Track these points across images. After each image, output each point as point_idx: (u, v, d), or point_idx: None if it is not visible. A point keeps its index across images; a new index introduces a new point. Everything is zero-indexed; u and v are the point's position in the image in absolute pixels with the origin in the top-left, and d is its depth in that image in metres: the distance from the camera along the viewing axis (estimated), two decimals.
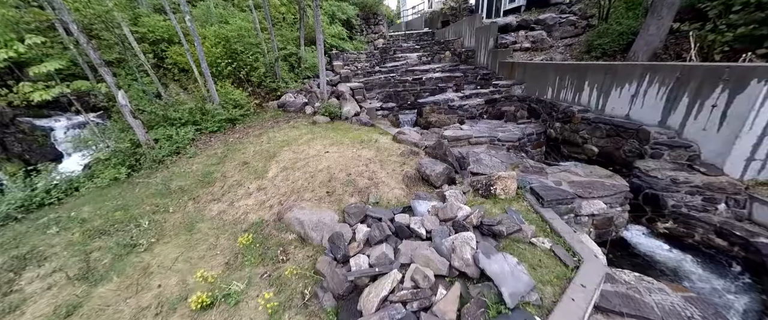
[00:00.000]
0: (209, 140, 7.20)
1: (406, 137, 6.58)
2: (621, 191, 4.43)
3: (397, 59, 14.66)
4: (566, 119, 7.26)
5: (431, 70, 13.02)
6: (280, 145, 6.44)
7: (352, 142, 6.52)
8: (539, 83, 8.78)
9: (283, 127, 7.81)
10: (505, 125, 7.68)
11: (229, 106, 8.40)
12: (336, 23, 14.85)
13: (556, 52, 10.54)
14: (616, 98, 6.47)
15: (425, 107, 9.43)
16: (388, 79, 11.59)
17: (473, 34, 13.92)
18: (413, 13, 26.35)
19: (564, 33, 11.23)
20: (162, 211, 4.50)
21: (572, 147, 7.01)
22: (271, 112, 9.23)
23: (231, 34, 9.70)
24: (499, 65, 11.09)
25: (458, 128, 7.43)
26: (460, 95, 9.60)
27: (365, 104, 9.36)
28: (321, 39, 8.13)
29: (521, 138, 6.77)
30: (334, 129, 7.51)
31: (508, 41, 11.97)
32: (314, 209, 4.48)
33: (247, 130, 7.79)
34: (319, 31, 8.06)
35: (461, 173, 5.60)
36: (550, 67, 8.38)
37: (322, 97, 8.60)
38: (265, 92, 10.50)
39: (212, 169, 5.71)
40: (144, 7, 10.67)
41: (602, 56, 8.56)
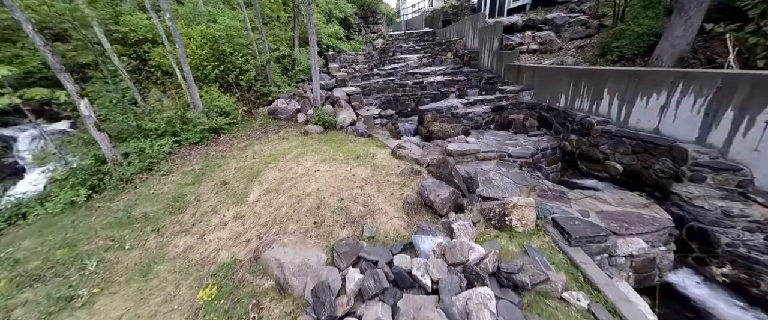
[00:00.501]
0: (188, 153, 6.45)
1: (406, 152, 5.83)
2: (664, 226, 3.70)
3: (396, 61, 13.88)
4: (583, 131, 6.51)
5: (432, 73, 12.26)
6: (266, 161, 5.70)
7: (346, 157, 5.77)
8: (550, 89, 8.03)
9: (271, 138, 7.06)
10: (515, 137, 6.93)
11: (214, 114, 7.64)
12: (333, 22, 14.06)
13: (566, 54, 9.78)
14: (642, 108, 5.72)
15: (427, 115, 8.68)
16: (386, 83, 10.83)
17: (476, 35, 13.15)
18: (413, 11, 25.54)
19: (574, 34, 10.46)
20: (116, 247, 3.75)
21: (592, 163, 6.26)
22: (260, 119, 8.47)
23: (219, 34, 8.92)
24: (505, 69, 10.32)
25: (463, 141, 6.68)
26: (464, 102, 8.84)
27: (362, 111, 8.60)
28: (314, 40, 7.37)
29: (535, 154, 6.02)
30: (328, 141, 6.76)
31: (513, 42, 11.21)
32: (298, 247, 3.74)
33: (232, 141, 7.03)
34: (312, 31, 7.30)
35: (469, 197, 4.86)
36: (563, 72, 7.62)
37: (316, 104, 7.85)
38: (256, 97, 9.74)
39: (186, 190, 4.96)
40: (127, 5, 9.89)
41: (619, 60, 7.81)
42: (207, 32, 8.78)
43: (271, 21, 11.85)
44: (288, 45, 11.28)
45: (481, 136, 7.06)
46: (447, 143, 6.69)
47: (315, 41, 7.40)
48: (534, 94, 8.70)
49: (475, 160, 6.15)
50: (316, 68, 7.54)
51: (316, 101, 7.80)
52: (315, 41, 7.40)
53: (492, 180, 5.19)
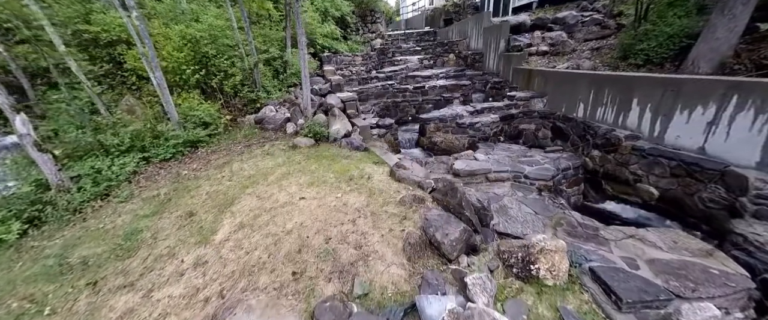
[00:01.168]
0: (157, 172, 5.57)
1: (407, 172, 4.96)
2: (741, 287, 2.84)
3: (396, 63, 12.99)
4: (609, 147, 5.65)
5: (434, 76, 11.38)
6: (244, 184, 4.82)
7: (337, 179, 4.90)
8: (566, 97, 7.15)
9: (255, 153, 6.18)
10: (530, 152, 6.06)
11: (192, 124, 6.76)
12: (328, 21, 13.15)
13: (580, 57, 8.90)
14: (683, 123, 4.85)
15: (429, 125, 7.80)
16: (385, 87, 9.95)
17: (481, 35, 12.27)
18: (413, 10, 24.60)
19: (588, 34, 9.57)
20: (33, 312, 2.88)
21: (619, 185, 5.40)
22: (245, 130, 7.59)
23: (200, 35, 8.02)
24: (514, 72, 9.44)
25: (471, 157, 5.82)
26: (470, 110, 7.97)
27: (358, 119, 7.72)
28: (303, 42, 6.48)
29: (555, 176, 5.15)
30: (318, 157, 5.89)
31: (521, 43, 10.32)
32: (269, 312, 2.88)
33: (211, 157, 6.16)
34: (302, 32, 6.41)
35: (483, 233, 4.00)
36: (582, 78, 6.75)
37: (306, 113, 6.96)
38: (243, 103, 8.85)
39: (143, 224, 4.09)
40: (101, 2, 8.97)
41: (644, 64, 6.93)
42: (187, 32, 7.88)
43: (260, 19, 10.94)
44: (279, 46, 10.38)
45: (491, 151, 6.19)
46: (453, 160, 5.82)
47: (304, 43, 6.52)
48: (547, 101, 7.83)
49: (486, 181, 5.28)
50: (306, 74, 6.66)
51: (307, 109, 6.92)
52: (304, 43, 6.52)
53: (508, 209, 4.33)
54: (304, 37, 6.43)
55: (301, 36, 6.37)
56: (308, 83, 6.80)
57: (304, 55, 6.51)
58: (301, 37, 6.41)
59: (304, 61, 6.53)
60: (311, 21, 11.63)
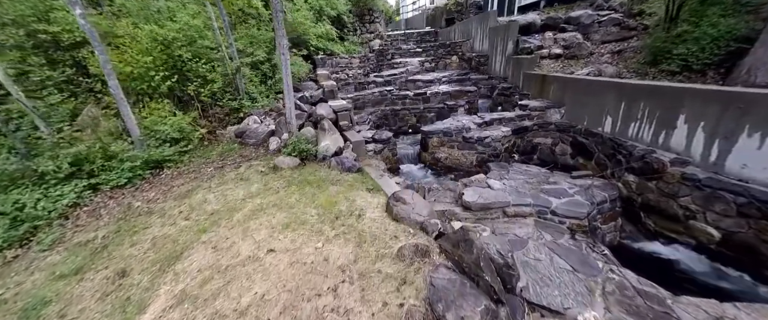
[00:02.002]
0: (105, 204, 4.48)
1: (406, 209, 3.86)
2: None
3: (395, 66, 11.85)
4: (649, 172, 4.56)
5: (436, 80, 10.26)
6: (202, 226, 3.73)
7: (320, 217, 3.82)
8: (589, 108, 6.05)
9: (227, 177, 5.09)
10: (553, 177, 4.95)
11: (157, 141, 5.66)
12: (323, 21, 11.99)
13: (599, 61, 7.78)
14: (752, 150, 3.76)
15: (432, 138, 6.70)
16: (383, 94, 8.84)
17: (486, 36, 11.13)
18: (413, 9, 23.38)
19: (606, 35, 8.44)
20: None
21: (666, 221, 4.32)
22: (223, 145, 6.50)
23: (173, 36, 6.89)
24: (525, 78, 8.32)
25: (483, 183, 4.73)
26: (478, 122, 6.86)
27: (352, 132, 6.62)
28: (285, 44, 5.36)
29: (590, 212, 4.04)
30: (301, 183, 4.80)
31: (532, 45, 9.19)
32: None
33: (174, 182, 5.06)
34: (282, 34, 5.29)
35: (508, 303, 2.92)
36: (609, 88, 5.63)
37: (291, 128, 5.87)
38: (225, 112, 7.75)
39: (54, 291, 3.01)
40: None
41: (682, 71, 5.82)
42: (159, 33, 6.75)
43: (248, 18, 9.78)
44: (268, 48, 9.25)
45: (505, 174, 5.10)
46: (462, 187, 4.73)
47: (286, 45, 5.39)
48: (565, 112, 6.71)
49: (504, 216, 4.19)
50: (288, 83, 5.55)
51: (291, 124, 5.82)
52: (286, 45, 5.39)
53: (537, 263, 3.25)
54: (284, 38, 5.31)
55: (282, 38, 5.25)
56: (291, 93, 5.68)
57: (285, 62, 5.39)
58: (282, 40, 5.29)
59: (286, 67, 5.42)
60: (303, 20, 10.49)
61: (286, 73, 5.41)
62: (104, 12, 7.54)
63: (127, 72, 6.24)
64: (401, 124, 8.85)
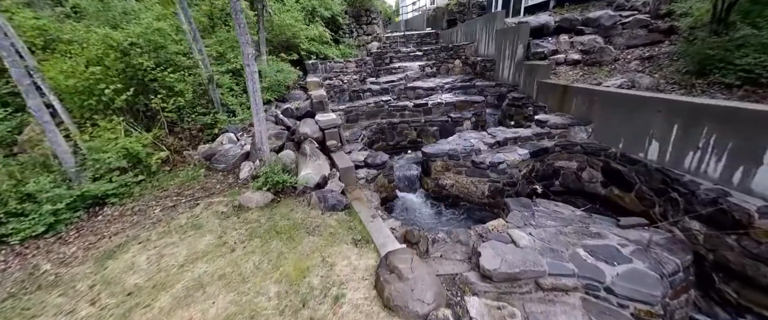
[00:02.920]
0: (5, 265, 3.26)
1: (403, 289, 2.62)
2: None
3: (393, 71, 10.57)
4: (726, 223, 3.32)
5: (439, 87, 8.99)
6: (115, 316, 2.52)
7: (280, 301, 2.61)
8: (626, 128, 4.80)
9: (176, 222, 3.87)
10: (594, 225, 3.69)
11: (98, 170, 4.43)
12: (316, 23, 10.69)
13: (626, 68, 6.51)
14: None
15: (435, 162, 5.47)
16: (379, 105, 7.59)
17: (492, 39, 9.84)
18: (413, 10, 22.01)
19: (632, 39, 7.15)
20: None
21: (755, 291, 3.08)
22: (188, 171, 5.26)
23: (132, 41, 5.64)
24: (539, 87, 7.05)
25: (504, 234, 3.49)
26: (489, 141, 5.60)
27: (341, 155, 5.38)
28: (250, 53, 4.10)
29: (665, 293, 2.78)
30: (268, 233, 3.58)
31: (545, 50, 7.91)
32: None
33: (108, 229, 3.84)
34: (246, 41, 4.03)
35: None
36: (653, 104, 4.38)
37: (263, 155, 4.62)
38: (198, 128, 6.50)
39: None
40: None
41: (743, 84, 4.55)
42: (114, 38, 5.49)
43: (229, 20, 8.49)
44: None
45: (530, 217, 3.85)
46: (476, 239, 3.50)
47: (252, 54, 4.12)
48: (593, 132, 5.46)
49: (538, 290, 2.96)
50: (257, 101, 4.29)
51: (263, 151, 4.57)
52: (252, 54, 4.12)
53: None
54: (249, 46, 4.04)
55: (246, 45, 3.99)
56: (262, 113, 4.42)
57: (252, 75, 4.13)
58: (246, 48, 4.03)
59: (253, 81, 4.16)
60: (293, 22, 9.20)
61: (254, 88, 4.15)
62: (55, 13, 6.28)
63: (68, 86, 5.00)
64: (400, 139, 7.61)
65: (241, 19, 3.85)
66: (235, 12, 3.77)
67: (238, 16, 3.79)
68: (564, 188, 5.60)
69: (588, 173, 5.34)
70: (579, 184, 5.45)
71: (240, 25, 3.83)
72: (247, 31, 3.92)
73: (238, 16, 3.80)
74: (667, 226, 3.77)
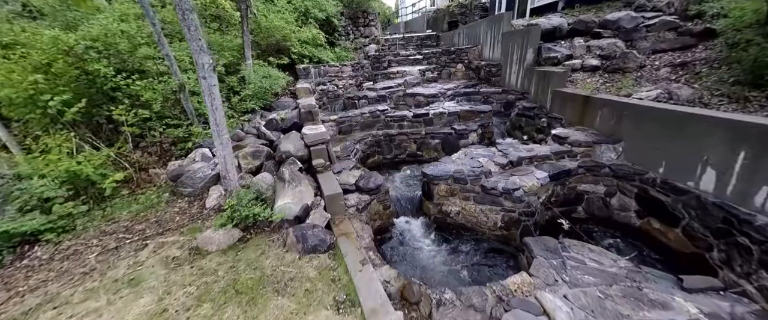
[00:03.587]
0: None
1: None
2: None
3: (391, 76, 9.70)
4: None
5: (440, 94, 8.12)
6: None
7: None
8: (668, 151, 3.93)
9: (111, 274, 3.00)
10: (643, 281, 2.81)
11: (27, 201, 3.56)
12: (310, 24, 9.82)
13: (655, 76, 5.64)
14: None
15: (438, 185, 4.59)
16: (375, 115, 6.72)
17: (498, 42, 8.96)
18: (413, 11, 21.13)
19: (658, 43, 6.27)
20: None
21: None
22: (148, 196, 4.40)
23: (86, 45, 4.77)
24: (555, 97, 6.17)
25: (531, 301, 2.61)
26: (501, 161, 4.72)
27: (328, 176, 4.50)
28: (206, 64, 3.21)
29: None
30: (226, 293, 2.72)
31: (558, 55, 7.03)
32: None
33: (26, 281, 2.97)
34: (199, 48, 3.15)
35: None
36: (707, 124, 3.51)
37: (229, 184, 3.74)
38: (170, 141, 5.63)
39: None
40: None
41: None
42: (64, 41, 4.62)
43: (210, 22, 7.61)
44: (234, 56, 7.13)
45: (562, 269, 2.98)
46: (494, 303, 2.62)
47: (209, 65, 3.21)
48: (624, 151, 4.58)
49: None
50: (219, 121, 3.40)
51: (229, 179, 3.69)
52: (209, 65, 3.21)
53: None
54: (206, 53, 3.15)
55: (199, 52, 3.11)
56: (225, 135, 3.52)
57: (210, 89, 3.24)
58: (200, 55, 3.15)
59: (211, 97, 3.27)
60: (283, 24, 8.33)
61: (213, 105, 3.27)
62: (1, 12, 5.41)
63: (2, 97, 4.13)
64: (398, 152, 6.73)
65: (193, 21, 2.96)
66: (182, 11, 2.88)
67: (186, 17, 2.90)
68: (589, 216, 4.73)
69: (618, 199, 4.46)
70: (607, 211, 4.57)
71: (190, 29, 2.94)
72: (202, 35, 3.03)
73: (188, 18, 2.91)
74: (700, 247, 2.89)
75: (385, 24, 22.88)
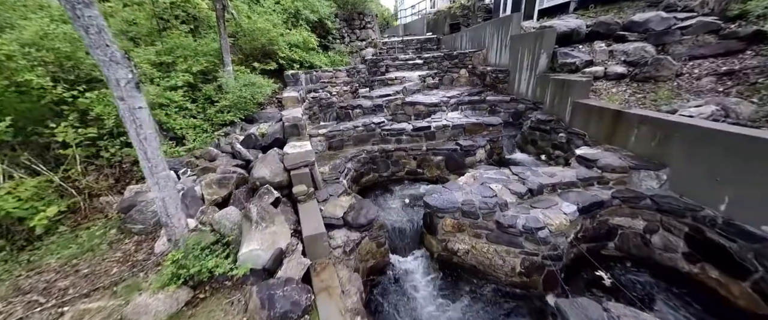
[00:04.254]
0: None
1: None
2: None
3: (389, 82, 8.88)
4: None
5: (443, 103, 7.29)
6: None
7: None
8: (736, 184, 3.08)
9: None
10: None
11: None
12: (300, 27, 9.00)
13: (694, 86, 4.80)
14: None
15: (444, 218, 3.75)
16: (370, 129, 5.87)
17: (506, 46, 8.14)
18: (412, 13, 20.31)
19: (696, 48, 5.43)
20: None
21: None
22: (91, 235, 3.56)
23: (8, 53, 3.92)
24: (576, 109, 5.32)
25: None
26: (519, 190, 3.87)
27: (311, 207, 3.66)
28: (120, 80, 2.36)
29: None
30: None
31: (577, 60, 6.19)
32: None
33: None
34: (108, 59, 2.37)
35: None
36: None
37: (174, 233, 2.86)
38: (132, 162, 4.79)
39: None
40: None
41: None
42: None
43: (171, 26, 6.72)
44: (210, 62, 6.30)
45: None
46: None
47: (127, 83, 2.33)
48: (669, 180, 3.73)
49: None
50: (152, 155, 2.54)
51: (173, 226, 2.82)
52: (127, 83, 2.33)
53: None
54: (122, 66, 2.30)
55: (110, 65, 2.27)
56: (162, 169, 2.63)
57: (133, 114, 2.37)
58: (111, 68, 2.31)
59: (134, 124, 2.39)
60: (269, 27, 7.49)
61: (142, 136, 2.41)
62: None
63: None
64: (395, 169, 5.89)
65: (93, 20, 2.08)
66: (72, 6, 1.98)
67: (80, 13, 2.00)
68: (623, 254, 3.88)
69: (662, 238, 3.61)
70: (646, 251, 3.72)
71: (88, 31, 2.06)
72: (110, 39, 2.18)
73: (82, 15, 2.00)
74: None
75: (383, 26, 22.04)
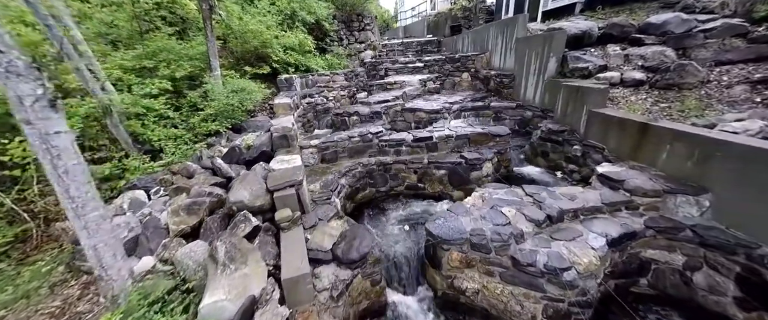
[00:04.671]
0: None
1: None
2: None
3: (389, 87, 8.30)
4: None
5: (445, 109, 6.73)
6: None
7: None
8: None
9: None
10: None
11: None
12: (296, 29, 8.42)
13: (724, 95, 4.23)
14: None
15: (449, 251, 3.16)
16: (367, 139, 5.29)
17: (511, 50, 7.57)
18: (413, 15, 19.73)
19: (723, 53, 4.85)
20: None
21: None
22: (35, 270, 2.98)
23: None
24: (592, 119, 4.74)
25: None
26: (536, 217, 3.29)
27: (295, 235, 3.08)
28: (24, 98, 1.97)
29: None
30: None
31: (589, 65, 5.63)
32: None
33: None
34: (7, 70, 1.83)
35: None
36: None
37: (109, 287, 2.25)
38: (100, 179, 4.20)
39: None
40: None
41: None
42: None
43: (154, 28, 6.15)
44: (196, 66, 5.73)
45: None
46: None
47: (34, 101, 1.75)
48: (712, 206, 3.15)
49: None
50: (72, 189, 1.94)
51: (107, 278, 2.22)
52: (34, 101, 1.75)
53: None
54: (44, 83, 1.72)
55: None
56: (92, 209, 2.04)
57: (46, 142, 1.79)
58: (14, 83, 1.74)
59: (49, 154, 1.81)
60: (261, 28, 6.92)
61: (59, 169, 1.83)
62: None
63: None
64: (394, 183, 5.32)
65: None
66: None
67: None
68: (657, 292, 3.30)
69: (706, 277, 3.04)
70: (687, 291, 3.15)
71: None
72: (6, 43, 1.61)
73: None
74: None
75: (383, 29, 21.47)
